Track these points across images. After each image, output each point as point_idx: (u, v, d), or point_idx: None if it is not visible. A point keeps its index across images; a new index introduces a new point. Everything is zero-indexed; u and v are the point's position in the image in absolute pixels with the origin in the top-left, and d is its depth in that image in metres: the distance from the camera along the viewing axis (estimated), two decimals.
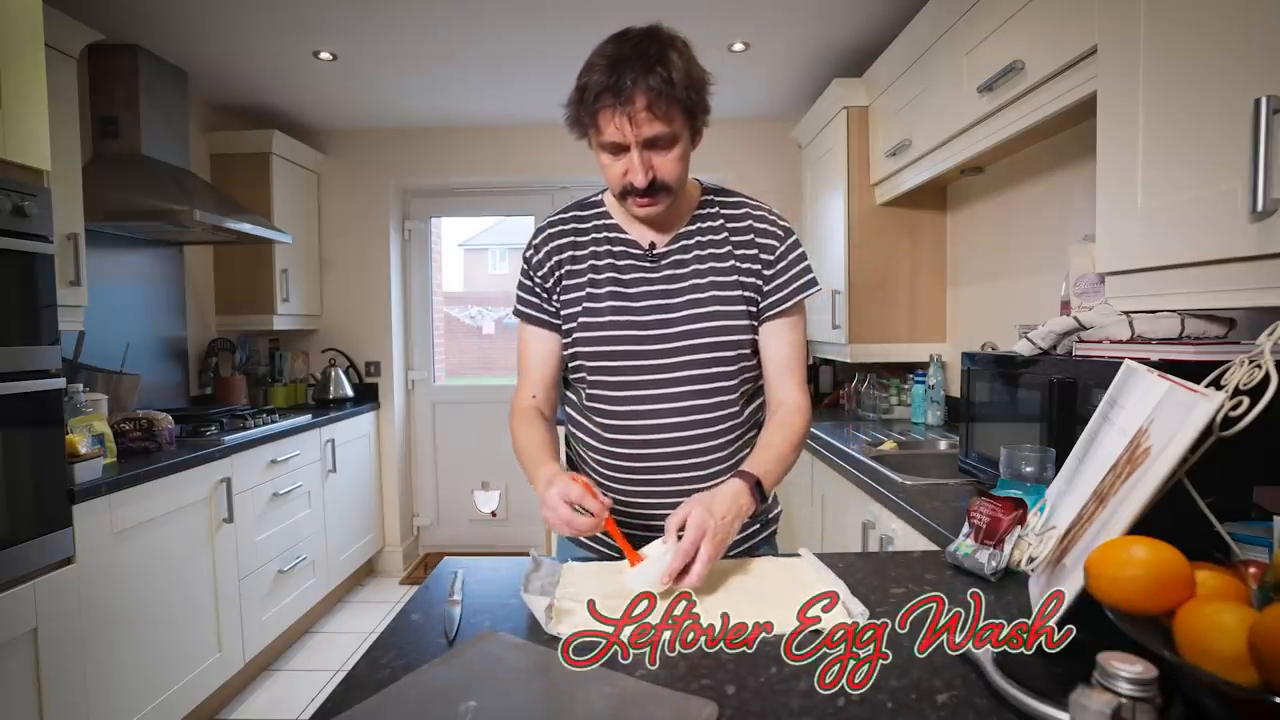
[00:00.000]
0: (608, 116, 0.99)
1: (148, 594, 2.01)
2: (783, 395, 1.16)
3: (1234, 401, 0.73)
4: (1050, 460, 1.13)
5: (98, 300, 2.47)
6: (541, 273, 1.17)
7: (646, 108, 0.98)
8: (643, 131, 0.99)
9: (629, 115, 0.98)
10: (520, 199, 3.89)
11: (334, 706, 0.70)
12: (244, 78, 2.93)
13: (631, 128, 0.99)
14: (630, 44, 0.99)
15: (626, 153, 1.02)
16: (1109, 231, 1.16)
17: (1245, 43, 0.89)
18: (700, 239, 1.15)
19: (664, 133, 1.00)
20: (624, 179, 1.04)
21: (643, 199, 1.05)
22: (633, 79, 0.96)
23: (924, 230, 2.72)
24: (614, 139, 1.01)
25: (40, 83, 1.67)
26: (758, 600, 0.92)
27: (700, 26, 2.49)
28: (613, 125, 0.99)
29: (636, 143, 1.00)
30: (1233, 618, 0.58)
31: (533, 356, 1.20)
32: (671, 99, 0.98)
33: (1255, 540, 0.80)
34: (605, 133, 1.01)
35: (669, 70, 0.97)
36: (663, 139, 1.01)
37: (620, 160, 1.03)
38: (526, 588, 0.92)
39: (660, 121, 0.99)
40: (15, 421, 1.60)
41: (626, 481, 1.17)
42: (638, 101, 0.97)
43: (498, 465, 3.92)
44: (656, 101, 0.97)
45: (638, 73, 0.96)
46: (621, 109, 0.98)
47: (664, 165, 1.03)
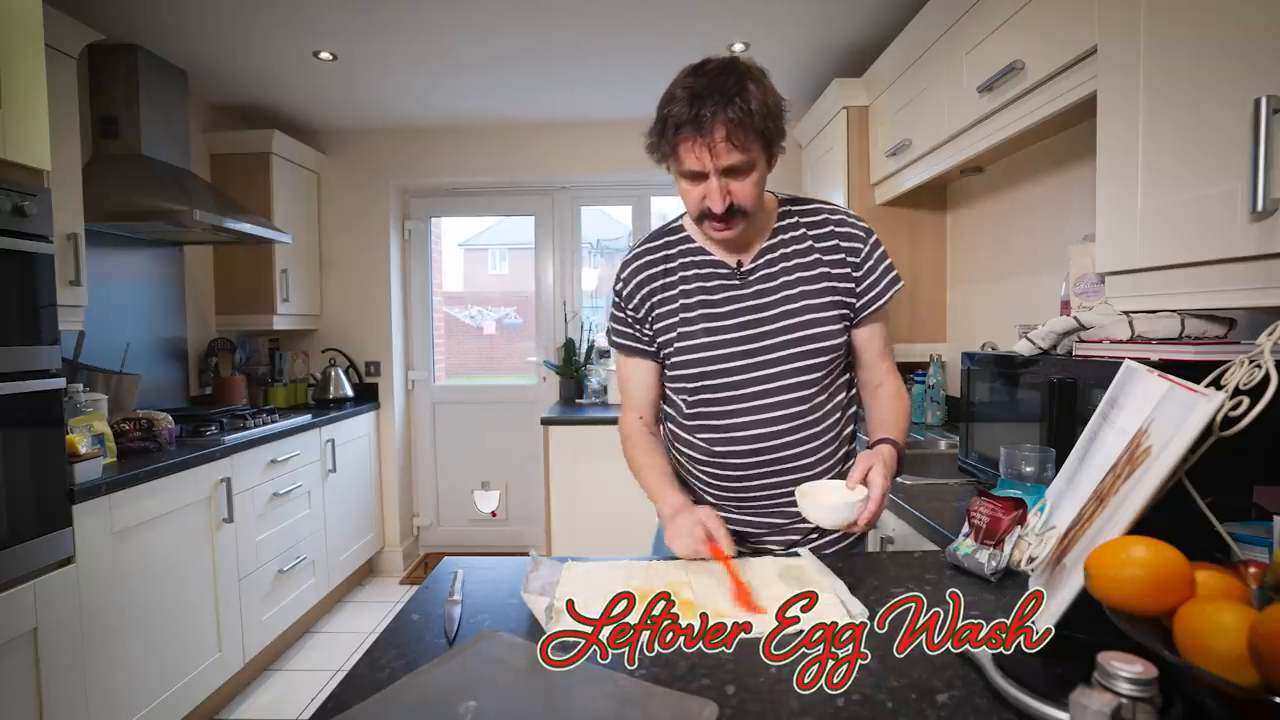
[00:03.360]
0: (688, 147, 1.03)
1: (148, 594, 2.01)
2: (881, 377, 1.24)
3: (1234, 401, 0.73)
4: (1050, 460, 1.13)
5: (98, 300, 2.47)
6: (633, 304, 1.22)
7: (725, 138, 1.01)
8: (721, 161, 1.03)
9: (709, 146, 1.02)
10: (520, 199, 3.89)
11: (334, 706, 0.70)
12: (244, 78, 2.93)
13: (711, 158, 1.02)
14: (710, 76, 1.02)
15: (705, 180, 1.06)
16: (1109, 231, 1.16)
17: (1245, 43, 0.89)
18: (785, 251, 1.18)
19: (741, 161, 1.04)
20: (702, 204, 1.08)
21: (719, 223, 1.09)
22: (712, 111, 1.00)
23: (924, 230, 2.72)
24: (693, 168, 1.05)
25: (40, 83, 1.67)
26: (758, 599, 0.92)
27: (700, 26, 2.48)
28: (692, 155, 1.03)
29: (715, 171, 1.04)
30: (1233, 618, 0.58)
31: (635, 385, 1.26)
32: (749, 129, 1.02)
33: (1255, 540, 0.80)
34: (685, 162, 1.05)
35: (747, 102, 1.01)
36: (740, 167, 1.04)
37: (699, 186, 1.07)
38: (526, 587, 0.92)
39: (738, 151, 1.02)
40: (15, 421, 1.60)
41: (734, 490, 1.21)
42: (717, 133, 1.01)
43: (498, 465, 3.93)
44: (735, 132, 1.01)
45: (717, 105, 1.00)
46: (701, 140, 1.01)
47: (741, 191, 1.06)
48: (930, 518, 1.41)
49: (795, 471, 1.18)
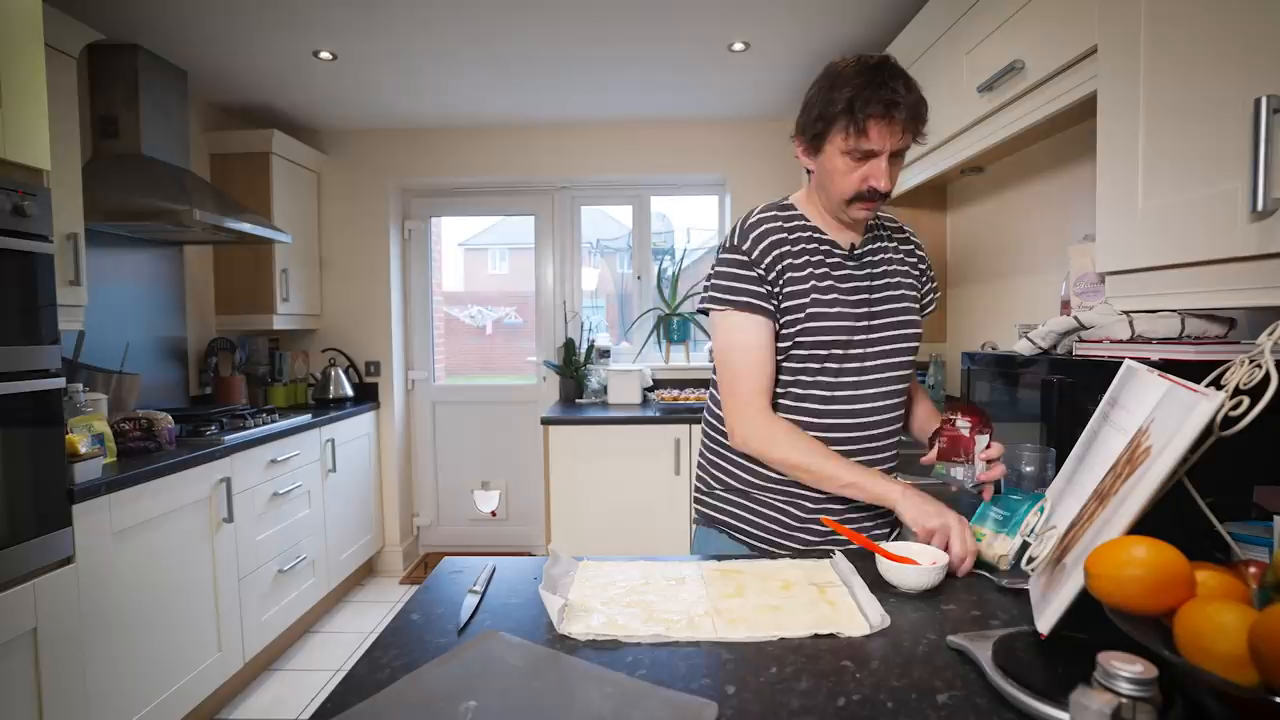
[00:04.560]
0: (877, 124, 1.08)
1: (148, 594, 2.01)
2: (915, 386, 1.38)
3: (1234, 401, 0.73)
4: (1050, 460, 1.13)
5: (98, 300, 2.48)
6: (764, 265, 1.19)
7: (908, 120, 1.09)
8: (900, 141, 1.11)
9: (900, 124, 1.09)
10: (520, 199, 3.89)
11: (334, 706, 0.70)
12: (244, 78, 2.93)
13: (896, 136, 1.10)
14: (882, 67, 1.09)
15: (869, 160, 1.12)
16: (1109, 231, 1.16)
17: (1245, 43, 0.89)
18: (884, 244, 1.28)
19: (907, 145, 1.13)
20: (862, 184, 1.13)
21: (869, 203, 1.15)
22: (903, 95, 1.08)
23: (924, 230, 2.71)
24: (874, 146, 1.10)
25: (40, 83, 1.67)
26: (773, 605, 0.92)
27: (700, 26, 2.49)
28: (879, 133, 1.09)
29: (888, 151, 1.11)
30: (1233, 618, 0.58)
31: (762, 355, 1.19)
32: (920, 119, 1.11)
33: (1255, 540, 0.80)
34: (870, 139, 1.09)
35: (919, 92, 1.11)
36: (901, 151, 1.13)
37: (860, 167, 1.13)
38: (544, 584, 0.92)
39: (908, 136, 1.11)
40: (15, 421, 1.60)
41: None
42: (904, 114, 1.08)
43: (498, 465, 3.93)
44: (912, 119, 1.10)
45: (904, 91, 1.08)
46: (893, 119, 1.08)
47: (894, 174, 1.15)
48: None
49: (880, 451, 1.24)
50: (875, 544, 1.02)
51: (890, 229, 1.31)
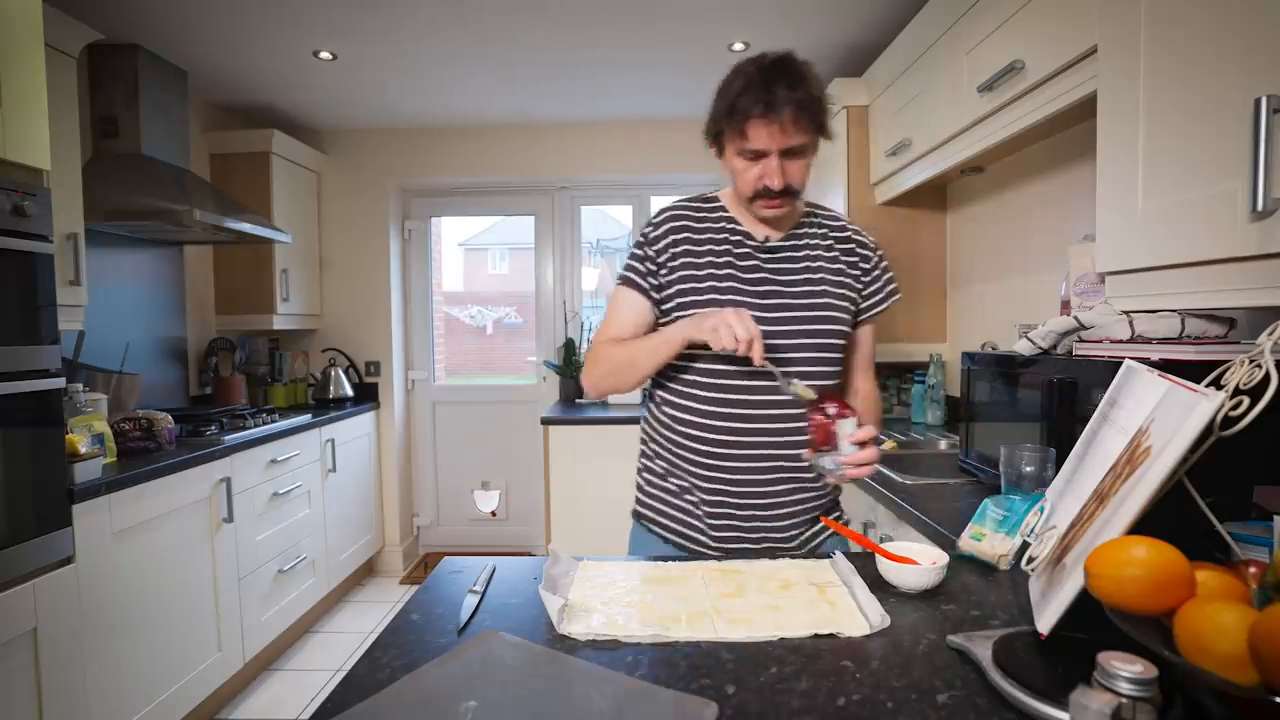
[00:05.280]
0: (758, 125, 1.11)
1: (148, 594, 2.01)
2: (865, 386, 1.35)
3: (1234, 401, 0.73)
4: (1050, 460, 1.13)
5: (98, 300, 2.48)
6: (657, 248, 1.24)
7: (793, 119, 1.10)
8: (787, 140, 1.11)
9: (780, 125, 1.10)
10: (520, 199, 3.89)
11: (334, 706, 0.70)
12: (244, 78, 2.93)
13: (780, 136, 1.11)
14: (773, 65, 1.12)
15: (764, 159, 1.14)
16: (1109, 231, 1.16)
17: (1245, 43, 0.89)
18: (809, 240, 1.27)
19: (801, 143, 1.13)
20: (759, 182, 1.15)
21: (774, 201, 1.17)
22: (783, 94, 1.09)
23: (924, 230, 2.72)
24: (760, 146, 1.12)
25: (40, 83, 1.67)
26: (773, 605, 0.92)
27: (700, 26, 2.49)
28: (762, 134, 1.11)
29: (778, 150, 1.12)
30: (1233, 618, 0.58)
31: (626, 315, 1.27)
32: (812, 113, 1.11)
33: (1255, 540, 0.80)
34: (753, 140, 1.12)
35: (809, 89, 1.11)
36: (798, 149, 1.14)
37: (756, 166, 1.15)
38: (544, 584, 0.92)
39: (800, 132, 1.12)
40: (15, 421, 1.60)
41: (725, 457, 1.21)
42: (786, 113, 1.09)
43: (498, 465, 3.93)
44: (801, 114, 1.10)
45: (788, 89, 1.09)
46: (773, 119, 1.09)
47: (795, 172, 1.15)
48: (930, 518, 1.41)
49: (782, 448, 1.20)
50: (875, 544, 1.02)
51: (829, 226, 1.29)
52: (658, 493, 1.30)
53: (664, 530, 1.28)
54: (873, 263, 1.30)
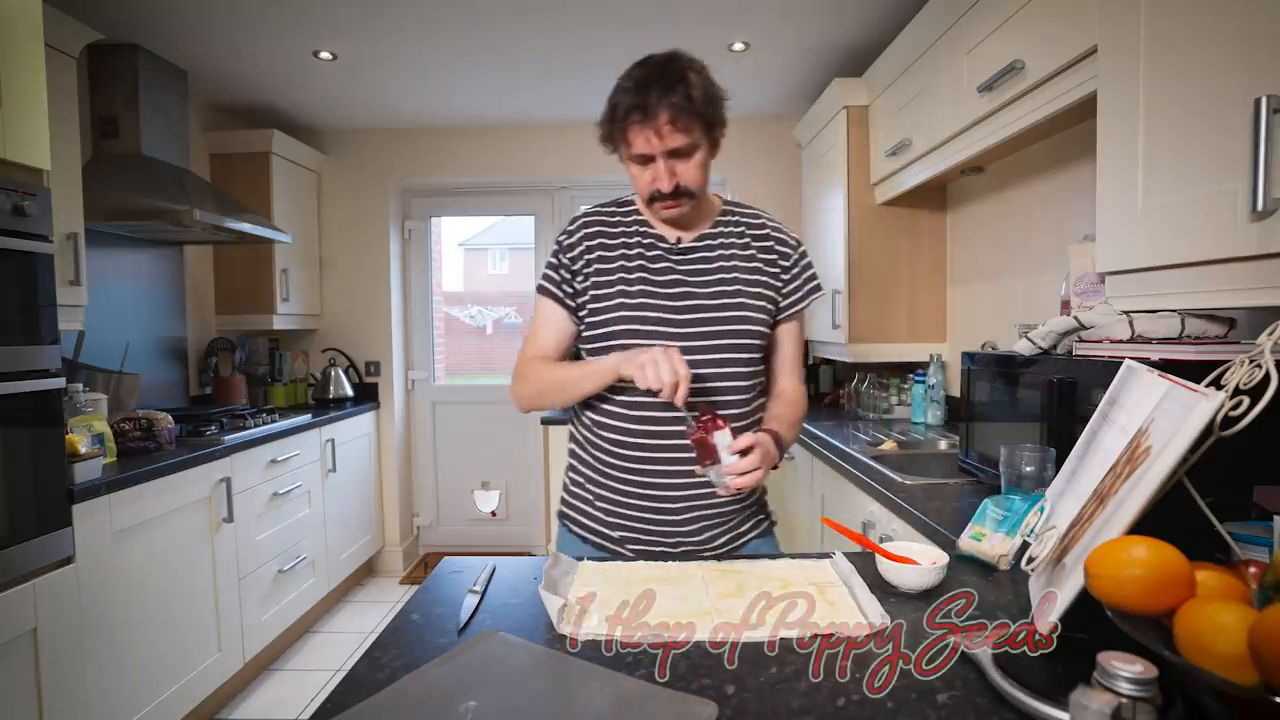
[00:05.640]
0: (636, 131, 1.12)
1: (148, 594, 2.01)
2: (787, 384, 1.32)
3: (1234, 401, 0.73)
4: (1050, 460, 1.13)
5: (98, 300, 2.48)
6: (572, 254, 1.25)
7: (670, 121, 1.10)
8: (666, 143, 1.12)
9: (655, 129, 1.10)
10: (520, 199, 3.89)
11: (334, 706, 0.70)
12: (244, 78, 2.93)
13: (658, 140, 1.11)
14: (654, 66, 1.12)
15: (653, 162, 1.14)
16: (1109, 231, 1.16)
17: (1245, 43, 0.89)
18: (724, 239, 1.26)
19: (685, 143, 1.12)
20: (651, 186, 1.16)
21: (667, 202, 1.17)
22: (657, 98, 1.09)
23: (924, 230, 2.72)
24: (642, 150, 1.13)
25: (40, 83, 1.67)
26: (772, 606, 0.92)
27: (700, 27, 2.49)
28: (641, 138, 1.12)
29: (661, 153, 1.13)
30: (1233, 618, 0.58)
31: (548, 334, 1.28)
32: (691, 113, 1.10)
33: (1255, 540, 0.80)
34: (634, 145, 1.13)
35: (688, 89, 1.10)
36: (684, 149, 1.13)
37: (648, 169, 1.16)
38: (544, 585, 0.92)
39: (681, 134, 1.11)
40: (15, 421, 1.60)
41: (642, 460, 1.21)
42: (661, 116, 1.09)
43: (498, 465, 3.92)
44: (678, 116, 1.10)
45: (662, 92, 1.09)
46: (649, 124, 1.10)
47: (686, 172, 1.15)
48: (930, 518, 1.41)
49: None
50: (875, 544, 1.02)
51: (747, 224, 1.28)
52: (580, 491, 1.30)
53: (585, 531, 1.28)
54: (792, 260, 1.28)
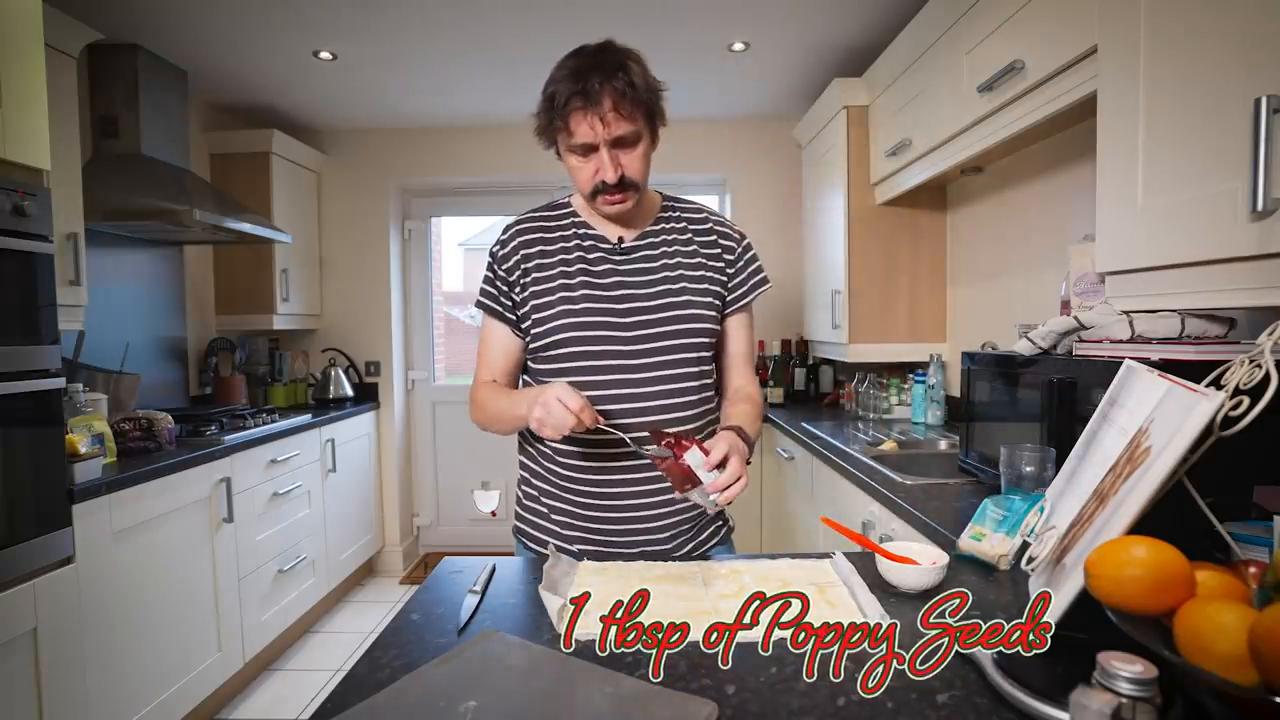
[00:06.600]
0: (579, 118, 1.07)
1: (148, 594, 2.01)
2: (740, 382, 1.28)
3: (1234, 401, 0.73)
4: (1050, 460, 1.13)
5: (97, 300, 2.48)
6: (506, 267, 1.21)
7: (614, 108, 1.06)
8: (611, 130, 1.07)
9: (599, 115, 1.06)
10: (520, 199, 3.88)
11: (334, 706, 0.70)
12: (244, 78, 2.93)
13: (602, 127, 1.07)
14: (591, 55, 1.08)
15: (595, 153, 1.10)
16: (1109, 231, 1.16)
17: (1245, 43, 0.89)
18: (666, 236, 1.23)
19: (630, 131, 1.09)
20: (595, 178, 1.12)
21: (613, 195, 1.13)
22: (599, 83, 1.05)
23: (924, 230, 2.72)
24: (585, 139, 1.08)
25: (40, 83, 1.67)
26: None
27: (700, 26, 2.49)
28: (584, 126, 1.07)
29: (606, 141, 1.08)
30: (1233, 618, 0.58)
31: (496, 351, 1.25)
32: (635, 100, 1.07)
33: (1255, 540, 0.80)
34: (576, 134, 1.08)
35: (630, 75, 1.06)
36: (629, 137, 1.09)
37: (590, 161, 1.11)
38: (544, 585, 0.92)
39: (626, 121, 1.08)
40: (15, 421, 1.60)
41: (594, 470, 1.19)
42: (605, 102, 1.05)
43: (498, 465, 3.92)
44: (621, 102, 1.06)
45: (604, 77, 1.05)
46: (592, 110, 1.06)
47: (631, 163, 1.11)
48: (931, 518, 1.41)
49: (651, 469, 1.16)
50: (875, 544, 1.02)
51: (689, 219, 1.25)
52: (534, 505, 1.29)
53: (541, 546, 1.25)
54: (737, 253, 1.25)
